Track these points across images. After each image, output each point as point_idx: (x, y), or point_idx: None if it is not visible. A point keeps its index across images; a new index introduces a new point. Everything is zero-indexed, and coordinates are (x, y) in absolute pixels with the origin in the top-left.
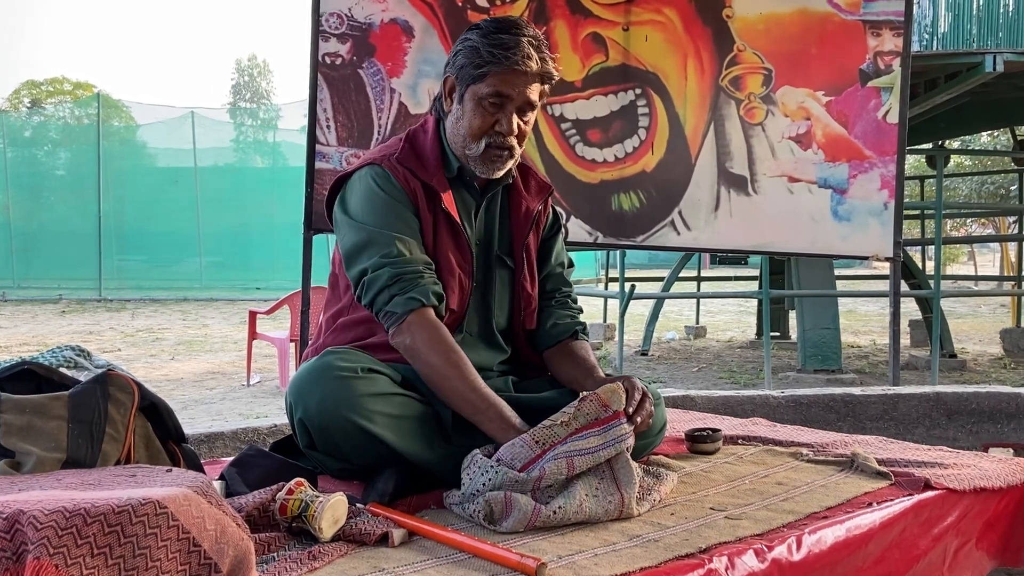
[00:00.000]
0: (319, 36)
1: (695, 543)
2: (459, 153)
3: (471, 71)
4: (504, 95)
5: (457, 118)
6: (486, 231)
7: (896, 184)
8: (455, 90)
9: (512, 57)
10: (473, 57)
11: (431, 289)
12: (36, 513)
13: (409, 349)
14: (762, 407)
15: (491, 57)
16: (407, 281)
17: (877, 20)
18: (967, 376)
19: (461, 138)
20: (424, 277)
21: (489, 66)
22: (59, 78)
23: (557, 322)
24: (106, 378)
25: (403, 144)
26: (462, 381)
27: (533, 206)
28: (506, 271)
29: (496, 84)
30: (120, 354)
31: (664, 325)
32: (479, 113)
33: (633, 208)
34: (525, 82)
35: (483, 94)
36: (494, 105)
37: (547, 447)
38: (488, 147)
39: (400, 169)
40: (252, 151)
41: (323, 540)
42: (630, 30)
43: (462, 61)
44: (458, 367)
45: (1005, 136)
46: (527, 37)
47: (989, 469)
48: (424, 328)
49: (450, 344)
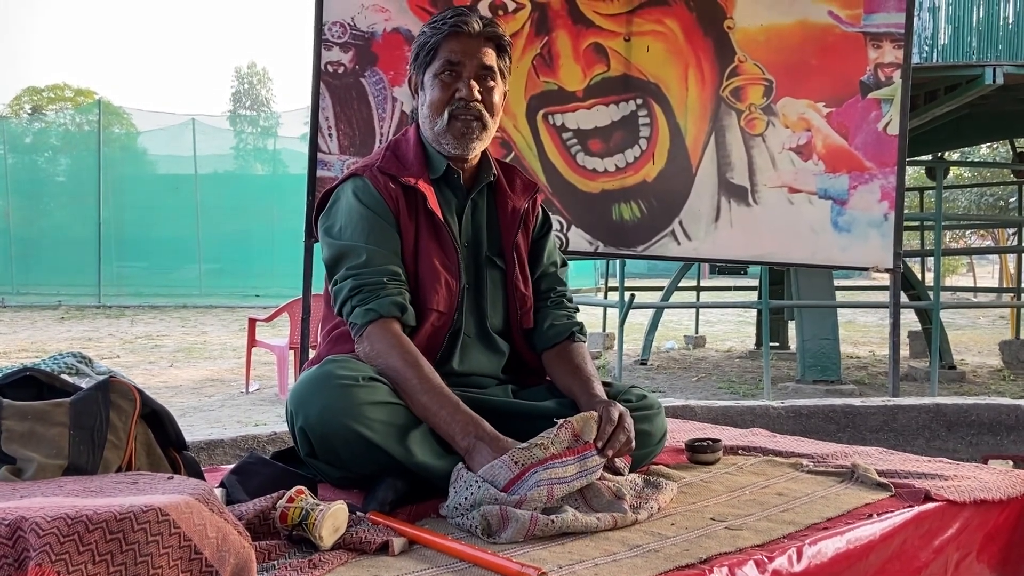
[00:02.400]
0: (321, 45)
1: (695, 553)
2: (432, 139)
3: (423, 55)
4: (455, 62)
5: (423, 104)
6: (474, 232)
7: (896, 195)
8: (417, 84)
9: (453, 22)
10: (422, 41)
11: (391, 300)
12: (38, 520)
13: (368, 356)
14: (762, 417)
15: (434, 31)
16: (367, 292)
17: (878, 32)
18: (966, 388)
19: (428, 121)
20: (386, 287)
21: (434, 38)
22: (60, 84)
23: (554, 323)
24: (108, 385)
25: (385, 152)
26: (419, 381)
27: (519, 205)
28: (497, 271)
29: (445, 54)
30: (119, 361)
31: (663, 335)
32: (437, 87)
33: (634, 218)
34: (475, 47)
35: (436, 68)
36: (450, 75)
37: (526, 468)
38: (452, 117)
39: (381, 177)
40: (252, 158)
41: (323, 548)
42: (631, 40)
43: (415, 51)
44: (414, 370)
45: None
46: (468, 9)
47: (990, 481)
48: (382, 338)
49: (407, 348)
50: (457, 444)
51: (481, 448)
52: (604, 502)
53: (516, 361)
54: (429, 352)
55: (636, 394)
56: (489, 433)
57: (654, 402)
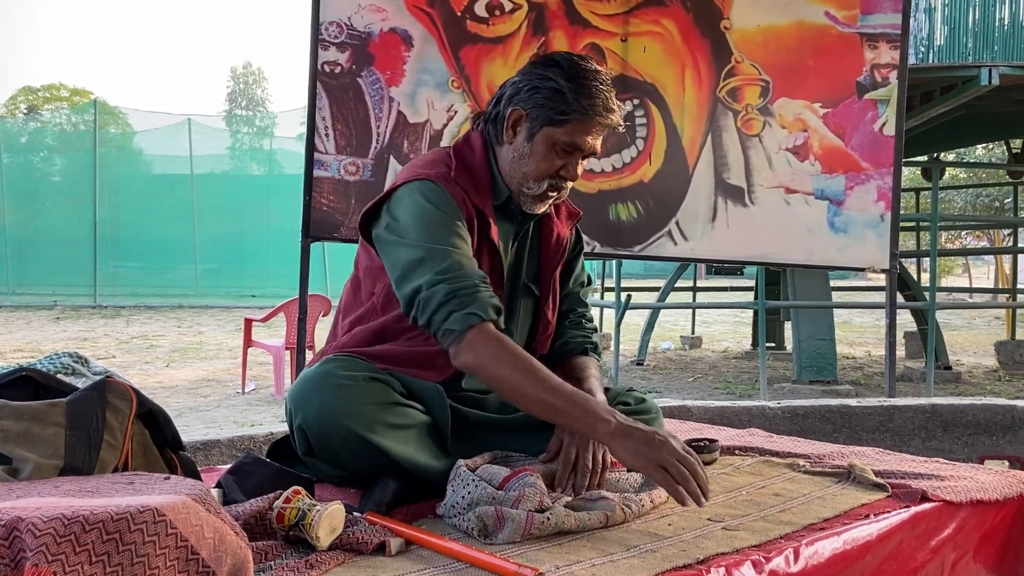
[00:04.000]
0: (318, 44)
1: (692, 554)
2: (513, 186)
3: (552, 114)
4: (579, 145)
5: (521, 155)
6: (516, 257)
7: (892, 196)
8: (522, 125)
9: (597, 108)
10: (557, 102)
11: (489, 303)
12: (35, 520)
13: (474, 366)
14: (759, 418)
15: (577, 106)
16: (464, 296)
17: (874, 33)
18: (962, 388)
19: (522, 175)
20: (481, 291)
21: (573, 115)
22: (56, 84)
23: (568, 340)
24: (104, 385)
25: (456, 163)
26: (536, 387)
27: (564, 234)
28: (531, 299)
29: (575, 133)
30: (115, 361)
31: (660, 335)
32: (550, 157)
33: (630, 218)
34: (599, 132)
35: (559, 140)
36: (565, 151)
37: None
38: (548, 188)
39: (455, 188)
40: (248, 158)
41: (320, 549)
42: (628, 41)
43: (541, 101)
44: (529, 373)
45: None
46: (607, 87)
47: (986, 481)
48: (486, 343)
49: (516, 352)
50: (599, 435)
51: (628, 432)
52: (597, 498)
53: None
54: (448, 365)
55: (635, 397)
56: (629, 422)
57: (652, 406)
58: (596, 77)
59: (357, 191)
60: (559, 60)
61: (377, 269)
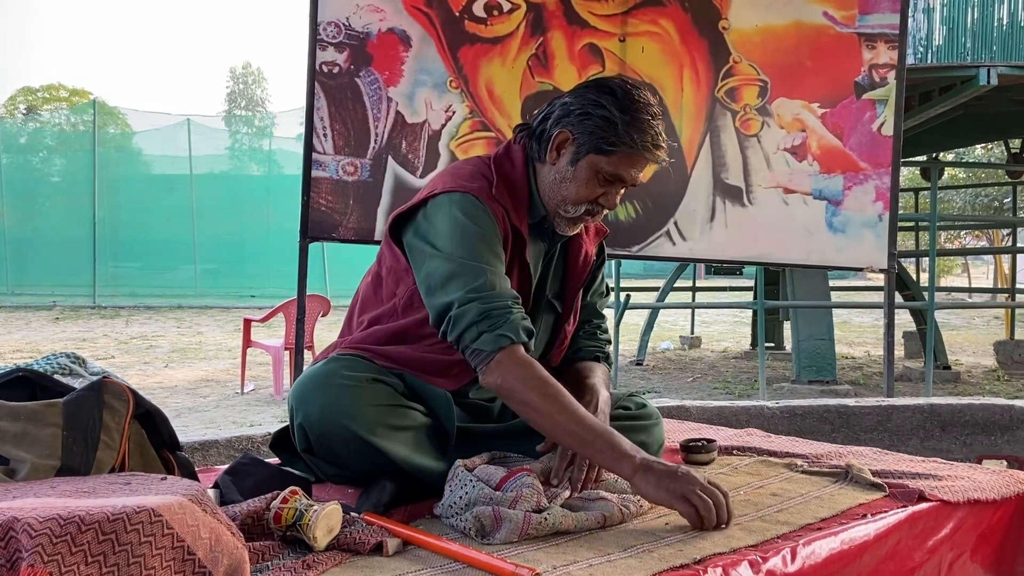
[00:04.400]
0: (316, 45)
1: (689, 554)
2: (550, 207)
3: (600, 143)
4: (622, 176)
5: (563, 178)
6: (542, 272)
7: (891, 196)
8: (567, 147)
9: (647, 144)
10: (608, 131)
11: (521, 325)
12: (31, 520)
13: (502, 389)
14: (757, 418)
15: (627, 139)
16: (496, 317)
17: (872, 33)
18: (961, 388)
19: (561, 198)
20: (513, 312)
21: (623, 147)
22: (55, 85)
23: (581, 348)
24: (101, 385)
25: (496, 178)
26: (563, 415)
27: (591, 251)
28: (552, 315)
29: (621, 165)
30: (114, 361)
31: (659, 335)
32: (592, 184)
33: (629, 218)
34: (643, 165)
35: (604, 169)
36: (608, 181)
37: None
38: (584, 215)
39: (498, 207)
40: (247, 159)
41: (317, 549)
42: (626, 41)
43: (591, 128)
44: (556, 401)
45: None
46: (658, 121)
47: (983, 481)
48: (515, 366)
49: (544, 379)
50: (623, 471)
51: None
52: (594, 499)
53: None
54: (462, 375)
55: (635, 403)
56: (651, 458)
57: (653, 412)
58: (648, 111)
59: (355, 191)
60: (614, 88)
61: (402, 270)
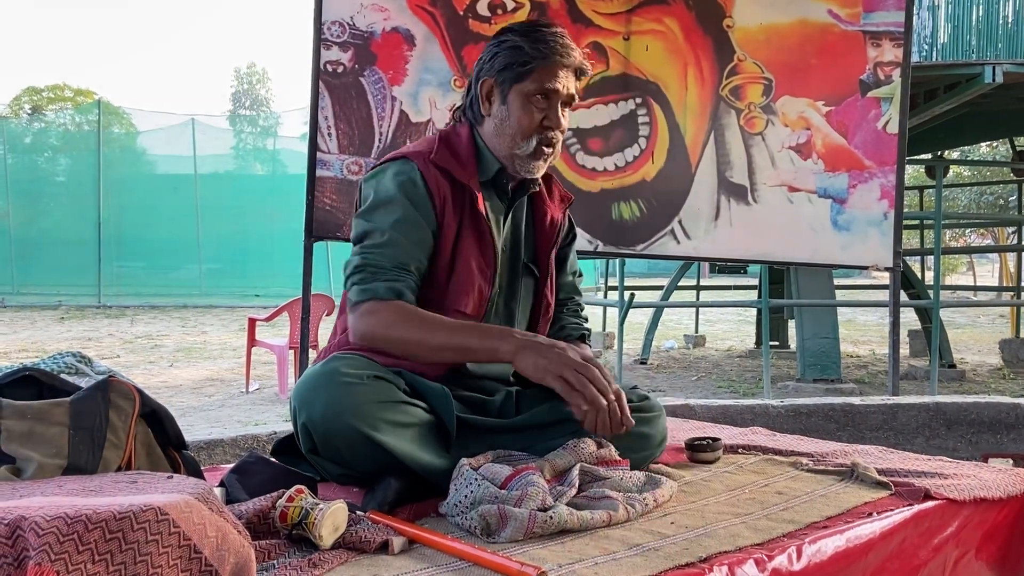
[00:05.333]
0: (321, 44)
1: (695, 552)
2: (505, 154)
3: (516, 69)
4: (551, 90)
5: (502, 119)
6: (512, 237)
7: (896, 194)
8: (494, 92)
9: (556, 50)
10: (517, 56)
11: (388, 285)
12: (38, 519)
13: (370, 334)
14: (762, 416)
15: (536, 53)
16: (368, 273)
17: (877, 31)
18: (966, 386)
19: (509, 139)
20: (387, 272)
21: (535, 62)
22: (60, 85)
23: (565, 326)
24: (107, 384)
25: (438, 144)
26: (432, 335)
27: (557, 216)
28: (531, 279)
29: (544, 79)
30: (119, 361)
31: (663, 334)
32: (529, 111)
33: (633, 217)
34: (568, 76)
35: (530, 91)
36: (543, 102)
37: (520, 469)
38: (539, 144)
39: (432, 169)
40: (251, 158)
41: (323, 547)
42: (631, 40)
43: (503, 62)
44: (423, 327)
45: (1004, 147)
46: (561, 34)
47: (989, 479)
48: (379, 312)
49: (409, 315)
50: (504, 355)
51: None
52: (600, 497)
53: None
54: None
55: (638, 395)
56: (533, 337)
57: (655, 404)
58: (548, 27)
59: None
60: (512, 26)
61: None
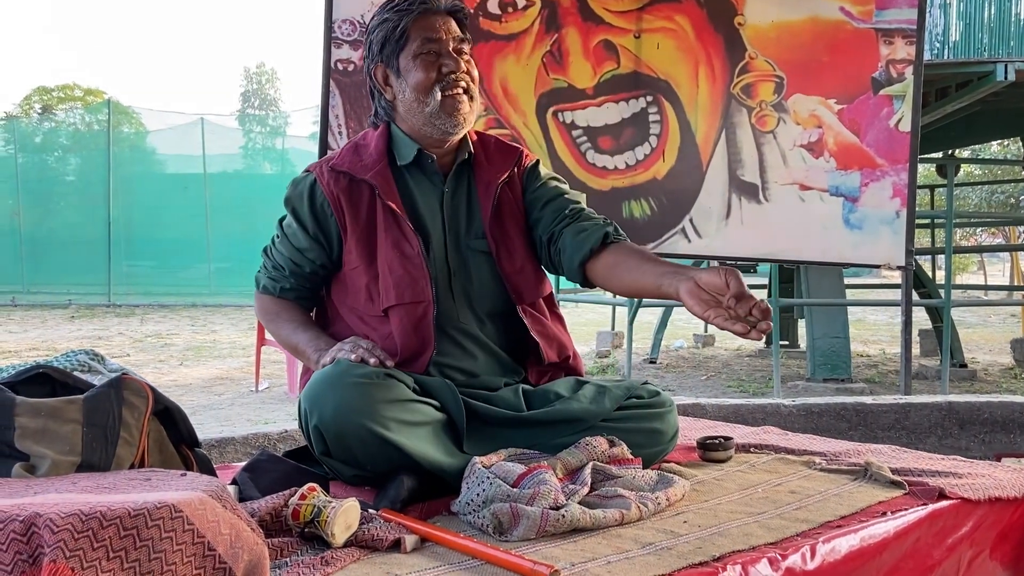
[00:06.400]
0: (331, 42)
1: (708, 551)
2: (422, 124)
3: (393, 41)
4: (433, 39)
5: (405, 91)
6: (453, 216)
7: (908, 193)
8: (388, 74)
9: (420, 1)
10: (387, 27)
11: (261, 279)
12: (52, 516)
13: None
14: (773, 416)
15: (401, 14)
16: (261, 267)
17: (889, 28)
18: (977, 386)
19: (417, 105)
20: (265, 269)
21: (404, 20)
22: (70, 84)
23: (581, 230)
24: (120, 382)
25: (346, 148)
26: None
27: (496, 178)
28: (482, 255)
29: (420, 34)
30: (129, 359)
31: (672, 333)
32: (420, 67)
33: (644, 215)
34: (445, 22)
35: (415, 52)
36: (431, 53)
37: (533, 467)
38: (444, 94)
39: (328, 175)
40: (261, 158)
41: (335, 545)
42: (641, 37)
43: (380, 40)
44: (276, 324)
45: (1015, 145)
46: None
47: (1003, 479)
48: (257, 302)
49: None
50: (311, 359)
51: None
52: (612, 496)
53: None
54: (422, 346)
55: (648, 391)
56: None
57: (666, 399)
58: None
59: None
60: (374, 13)
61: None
